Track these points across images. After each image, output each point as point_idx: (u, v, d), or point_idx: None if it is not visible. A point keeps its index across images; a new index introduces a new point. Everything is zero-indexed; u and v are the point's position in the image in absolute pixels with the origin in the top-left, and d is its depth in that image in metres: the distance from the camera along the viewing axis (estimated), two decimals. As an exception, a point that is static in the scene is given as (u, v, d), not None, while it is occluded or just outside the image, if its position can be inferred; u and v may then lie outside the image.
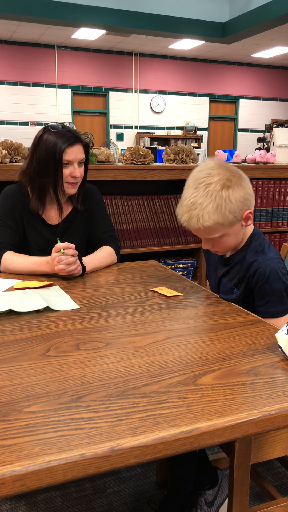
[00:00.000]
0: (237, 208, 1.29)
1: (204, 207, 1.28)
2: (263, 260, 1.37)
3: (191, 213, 1.30)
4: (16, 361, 0.97)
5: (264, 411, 0.79)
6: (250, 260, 1.40)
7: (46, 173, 1.66)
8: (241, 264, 1.43)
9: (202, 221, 1.29)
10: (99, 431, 0.73)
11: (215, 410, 0.79)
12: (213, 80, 10.94)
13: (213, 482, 1.46)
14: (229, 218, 1.30)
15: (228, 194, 1.28)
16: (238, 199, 1.29)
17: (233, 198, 1.28)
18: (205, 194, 1.28)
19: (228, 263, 1.48)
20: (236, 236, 1.38)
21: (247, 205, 1.33)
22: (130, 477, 1.72)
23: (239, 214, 1.31)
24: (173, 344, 1.07)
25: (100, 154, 2.54)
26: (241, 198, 1.30)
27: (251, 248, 1.42)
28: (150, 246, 2.62)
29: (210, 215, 1.28)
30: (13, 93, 9.40)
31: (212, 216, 1.28)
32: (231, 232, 1.35)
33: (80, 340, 1.09)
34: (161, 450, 0.72)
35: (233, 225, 1.33)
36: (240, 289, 1.43)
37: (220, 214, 1.28)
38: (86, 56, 9.77)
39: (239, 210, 1.30)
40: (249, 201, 1.33)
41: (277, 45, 9.15)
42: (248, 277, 1.40)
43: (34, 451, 0.67)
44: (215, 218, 1.28)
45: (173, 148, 2.72)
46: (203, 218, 1.28)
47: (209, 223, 1.29)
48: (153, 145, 9.66)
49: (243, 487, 1.02)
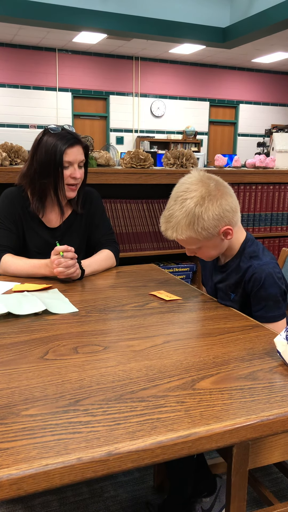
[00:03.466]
0: (210, 226, 1.30)
1: (178, 221, 1.31)
2: (258, 265, 1.37)
3: (167, 225, 1.34)
4: (14, 364, 0.97)
5: (262, 416, 0.79)
6: (245, 265, 1.40)
7: (46, 175, 1.66)
8: (236, 271, 1.43)
9: (176, 234, 1.33)
10: (97, 435, 0.72)
11: (213, 414, 0.79)
12: (213, 84, 10.98)
13: (210, 490, 1.46)
14: (203, 234, 1.31)
15: (201, 212, 1.29)
16: (212, 217, 1.29)
17: (206, 215, 1.29)
18: (180, 208, 1.31)
19: (223, 270, 1.48)
20: (217, 247, 1.39)
21: (224, 222, 1.32)
22: (127, 482, 1.72)
23: (214, 231, 1.32)
24: (171, 348, 1.06)
25: (100, 157, 2.54)
26: (215, 215, 1.30)
27: (245, 254, 1.42)
28: (149, 249, 2.62)
29: (183, 230, 1.31)
30: (14, 96, 9.42)
31: (185, 231, 1.31)
32: (209, 245, 1.37)
33: (78, 343, 1.08)
34: (158, 454, 0.72)
35: (210, 239, 1.34)
36: (237, 294, 1.43)
37: (192, 230, 1.30)
38: (87, 60, 9.79)
39: (214, 227, 1.31)
40: (226, 218, 1.32)
41: (277, 50, 9.18)
42: (244, 283, 1.40)
43: (31, 454, 0.67)
44: (188, 233, 1.31)
45: (173, 152, 2.73)
46: (177, 231, 1.32)
47: (182, 237, 1.33)
48: (153, 149, 9.68)
49: (240, 492, 1.02)
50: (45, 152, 1.64)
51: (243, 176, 2.76)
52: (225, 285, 1.47)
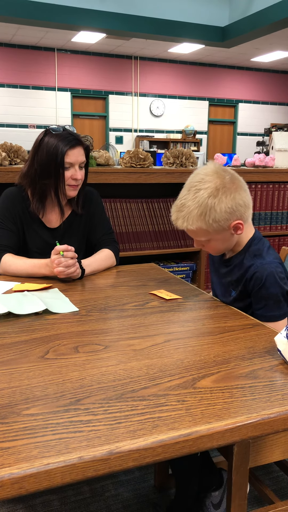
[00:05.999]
0: (222, 218, 1.29)
1: (190, 211, 1.30)
2: (260, 264, 1.37)
3: (179, 214, 1.33)
4: (15, 364, 0.97)
5: (263, 415, 0.79)
6: (248, 263, 1.40)
7: (47, 176, 1.66)
8: (239, 267, 1.43)
9: (186, 224, 1.32)
10: (98, 434, 0.72)
11: (214, 413, 0.79)
12: (213, 84, 10.97)
13: (218, 484, 1.46)
14: (213, 226, 1.30)
15: (214, 203, 1.28)
16: (224, 210, 1.29)
17: (218, 208, 1.28)
18: (193, 198, 1.30)
19: (227, 264, 1.48)
20: (226, 242, 1.39)
21: (236, 216, 1.32)
22: (128, 481, 1.72)
23: (225, 224, 1.31)
24: (172, 347, 1.07)
25: (99, 157, 2.54)
26: (227, 208, 1.29)
27: (250, 252, 1.42)
28: (149, 249, 2.62)
29: (194, 220, 1.30)
30: (13, 96, 9.41)
31: (195, 222, 1.30)
32: (218, 238, 1.36)
33: (79, 342, 1.09)
34: (160, 453, 0.72)
35: (220, 232, 1.34)
36: (237, 292, 1.43)
37: (203, 221, 1.30)
38: (86, 59, 9.79)
39: (225, 220, 1.30)
40: (238, 212, 1.32)
41: (277, 49, 9.17)
42: (245, 281, 1.40)
43: (33, 453, 0.67)
44: (199, 224, 1.30)
45: (173, 151, 2.73)
46: (187, 221, 1.31)
47: (192, 227, 1.32)
48: (152, 148, 9.68)
49: (241, 491, 1.02)
50: (46, 152, 1.64)
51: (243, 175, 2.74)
52: (228, 281, 1.47)
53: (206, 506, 1.44)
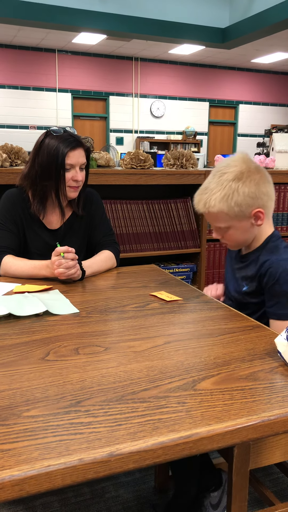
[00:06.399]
0: (243, 202, 1.29)
1: (213, 193, 1.31)
2: (276, 260, 1.35)
3: (201, 196, 1.35)
4: (16, 365, 0.97)
5: (263, 417, 0.79)
6: (263, 259, 1.38)
7: (48, 177, 1.66)
8: (255, 263, 1.42)
9: (207, 206, 1.33)
10: (98, 435, 0.73)
11: (214, 415, 0.79)
12: (213, 85, 10.98)
13: (217, 484, 1.46)
14: (234, 210, 1.30)
15: (238, 186, 1.29)
16: (247, 194, 1.29)
17: (241, 191, 1.29)
18: (217, 181, 1.31)
19: (243, 260, 1.47)
20: (245, 233, 1.38)
21: (258, 203, 1.32)
22: (129, 482, 1.72)
23: (246, 210, 1.31)
24: (172, 349, 1.07)
25: (100, 158, 2.54)
26: (250, 193, 1.29)
27: (267, 249, 1.41)
28: (149, 250, 2.62)
29: (216, 202, 1.31)
30: (14, 97, 9.43)
31: (217, 203, 1.31)
32: (238, 227, 1.35)
33: (79, 344, 1.09)
34: (160, 455, 0.72)
35: (241, 220, 1.33)
36: (249, 287, 1.42)
37: (225, 203, 1.30)
38: (87, 61, 9.80)
39: (247, 205, 1.30)
40: (261, 199, 1.32)
41: (277, 50, 9.18)
42: (259, 276, 1.39)
43: (33, 455, 0.67)
44: (220, 206, 1.31)
45: (173, 153, 2.73)
46: (209, 203, 1.32)
47: (214, 209, 1.32)
48: (153, 150, 9.69)
49: (241, 492, 1.02)
50: (47, 154, 1.64)
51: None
52: (241, 276, 1.46)
53: (205, 506, 1.44)
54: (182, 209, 2.73)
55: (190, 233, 2.72)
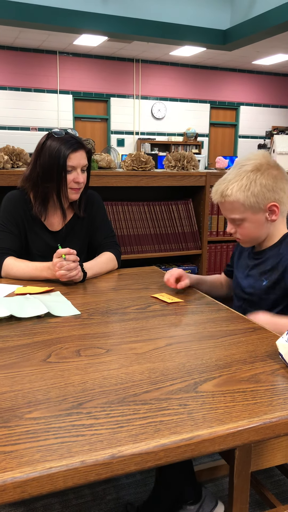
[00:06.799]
0: (260, 193, 1.30)
1: (231, 183, 1.33)
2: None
3: (219, 186, 1.36)
4: (17, 367, 0.97)
5: (264, 419, 0.79)
6: (284, 252, 1.38)
7: (50, 179, 1.67)
8: (275, 257, 1.40)
9: (224, 195, 1.34)
10: (100, 437, 0.73)
11: (215, 417, 0.79)
12: (214, 86, 10.99)
13: (196, 498, 1.44)
14: (250, 200, 1.31)
15: (256, 177, 1.30)
16: (264, 185, 1.30)
17: (259, 182, 1.30)
18: (236, 172, 1.33)
19: (259, 257, 1.46)
20: (259, 227, 1.37)
21: (273, 197, 1.32)
22: (130, 484, 1.72)
23: (262, 202, 1.32)
24: (173, 350, 1.07)
25: (101, 160, 2.55)
26: (268, 185, 1.30)
27: (285, 243, 1.40)
28: (150, 252, 2.63)
29: (233, 191, 1.32)
30: (15, 99, 9.44)
31: (234, 192, 1.32)
32: (253, 220, 1.35)
33: (80, 346, 1.09)
34: (162, 457, 0.72)
35: (256, 212, 1.34)
36: (270, 280, 1.40)
37: (242, 193, 1.31)
38: (88, 62, 9.81)
39: (263, 197, 1.31)
40: (278, 194, 1.32)
41: (278, 52, 9.19)
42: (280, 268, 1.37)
43: (35, 457, 0.67)
44: (237, 195, 1.32)
45: (174, 154, 2.73)
46: (226, 192, 1.34)
47: (230, 199, 1.33)
48: (154, 151, 9.69)
49: (243, 494, 1.02)
50: (49, 156, 1.64)
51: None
52: (259, 271, 1.44)
53: None
54: (183, 210, 2.73)
55: (191, 235, 2.72)
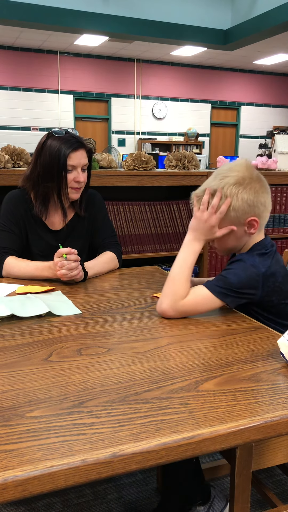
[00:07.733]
0: (240, 208, 1.28)
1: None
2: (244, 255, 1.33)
3: (200, 196, 1.34)
4: (18, 366, 0.98)
5: (266, 418, 0.79)
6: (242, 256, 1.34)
7: (50, 178, 1.67)
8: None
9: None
10: (101, 436, 0.73)
11: (217, 416, 0.79)
12: (215, 86, 10.99)
13: (205, 499, 1.44)
14: (230, 214, 1.29)
15: (238, 191, 1.28)
16: (245, 200, 1.28)
17: (240, 197, 1.28)
18: (218, 184, 1.30)
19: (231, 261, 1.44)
20: (237, 240, 1.35)
21: (253, 212, 1.29)
22: (131, 483, 1.72)
23: (242, 216, 1.29)
24: (175, 350, 1.07)
25: (102, 159, 2.55)
26: (249, 201, 1.28)
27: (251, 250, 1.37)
28: (151, 251, 2.63)
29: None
30: (16, 99, 9.45)
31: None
32: (231, 232, 1.33)
33: (82, 345, 1.09)
34: (163, 456, 0.72)
35: (235, 226, 1.31)
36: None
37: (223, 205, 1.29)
38: (89, 62, 9.82)
39: (243, 211, 1.29)
40: (258, 208, 1.30)
41: (279, 52, 9.19)
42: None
43: (36, 456, 0.67)
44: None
45: (175, 154, 2.73)
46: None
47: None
48: (155, 151, 9.69)
49: (244, 494, 1.02)
50: (49, 155, 1.64)
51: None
52: None
53: None
54: (184, 210, 2.73)
55: (192, 235, 2.72)
